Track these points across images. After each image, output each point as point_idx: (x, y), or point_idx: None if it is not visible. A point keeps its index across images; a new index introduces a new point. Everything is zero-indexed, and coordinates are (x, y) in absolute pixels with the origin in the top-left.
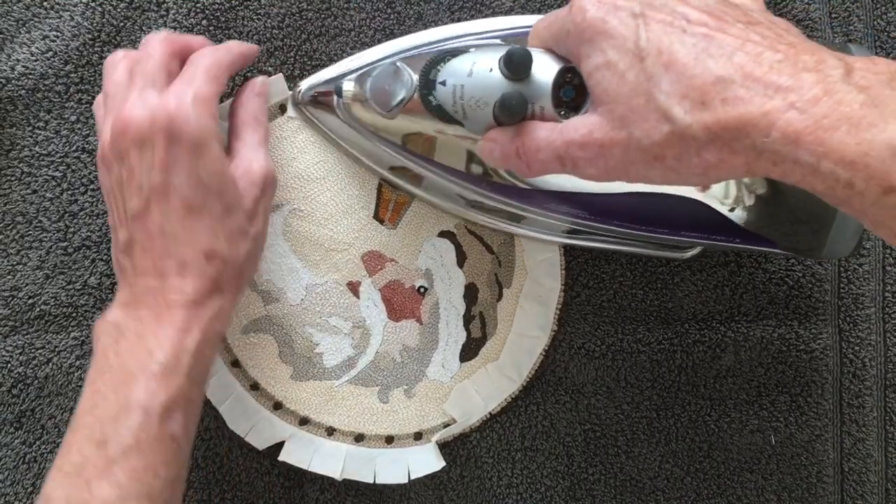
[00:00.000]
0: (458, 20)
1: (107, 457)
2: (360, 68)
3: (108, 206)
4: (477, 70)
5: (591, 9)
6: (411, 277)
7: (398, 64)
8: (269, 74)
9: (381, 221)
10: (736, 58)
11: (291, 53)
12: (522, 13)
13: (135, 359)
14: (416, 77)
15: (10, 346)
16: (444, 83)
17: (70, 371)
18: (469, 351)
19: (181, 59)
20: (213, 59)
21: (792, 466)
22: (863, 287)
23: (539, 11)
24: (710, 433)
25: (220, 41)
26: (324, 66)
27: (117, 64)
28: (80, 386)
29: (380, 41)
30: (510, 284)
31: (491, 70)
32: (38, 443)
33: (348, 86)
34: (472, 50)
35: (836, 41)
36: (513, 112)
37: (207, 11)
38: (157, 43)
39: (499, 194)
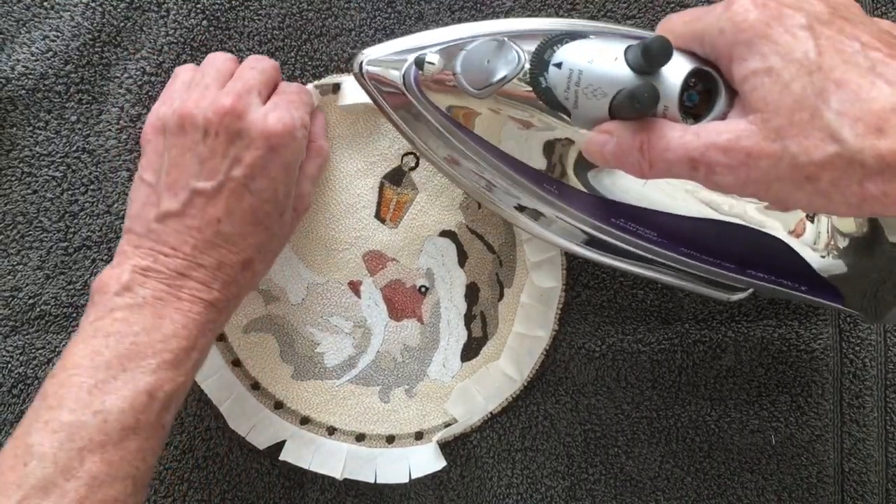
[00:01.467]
0: (459, 20)
1: (103, 430)
2: (441, 44)
3: (151, 163)
4: (599, 57)
5: (755, 10)
6: (412, 277)
7: (505, 39)
8: None
9: (383, 221)
10: None
11: (292, 54)
12: (522, 13)
13: (149, 337)
14: (524, 55)
15: (11, 346)
16: (559, 66)
17: None
18: (470, 350)
19: (273, 88)
20: (308, 96)
21: (792, 466)
22: None
23: (539, 11)
24: (710, 433)
25: (221, 41)
26: (325, 66)
27: (226, 61)
28: None
29: (380, 41)
30: (511, 284)
31: (615, 59)
32: None
33: (433, 58)
34: (592, 36)
35: None
36: (643, 105)
37: (208, 12)
38: (270, 66)
39: (568, 204)
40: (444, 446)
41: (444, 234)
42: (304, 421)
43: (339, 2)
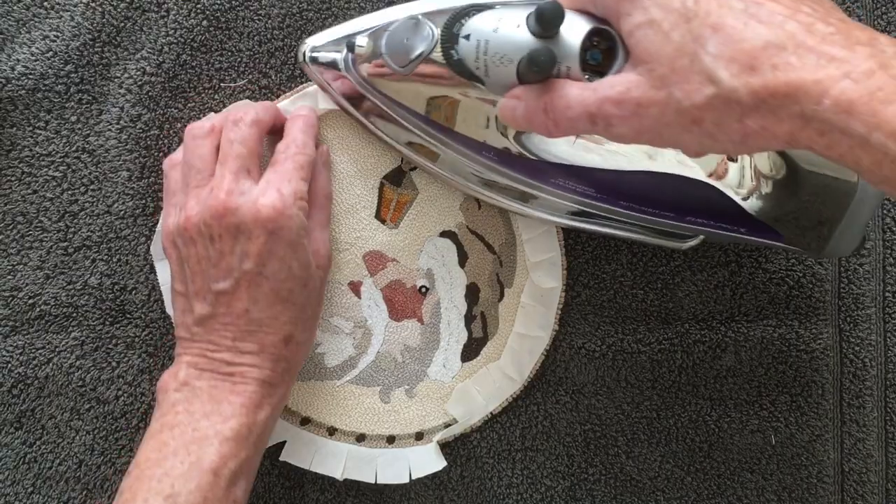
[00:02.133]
0: None
1: None
2: (371, 27)
3: (178, 274)
4: (503, 25)
5: None
6: (413, 277)
7: (419, 17)
8: (270, 77)
9: (383, 221)
10: (787, 26)
11: (292, 54)
12: None
13: (209, 421)
14: (437, 31)
15: (11, 346)
16: (467, 37)
17: (70, 371)
18: (470, 351)
19: (261, 140)
20: (307, 158)
21: (792, 466)
22: (863, 287)
23: None
24: (710, 433)
25: (221, 42)
26: None
27: (204, 137)
28: (81, 386)
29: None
30: (511, 284)
31: (518, 26)
32: (38, 443)
33: (361, 41)
34: (497, 6)
35: None
36: (541, 68)
37: (208, 12)
38: (248, 127)
39: (510, 168)
40: (445, 446)
41: (445, 234)
42: (305, 421)
43: (339, 2)
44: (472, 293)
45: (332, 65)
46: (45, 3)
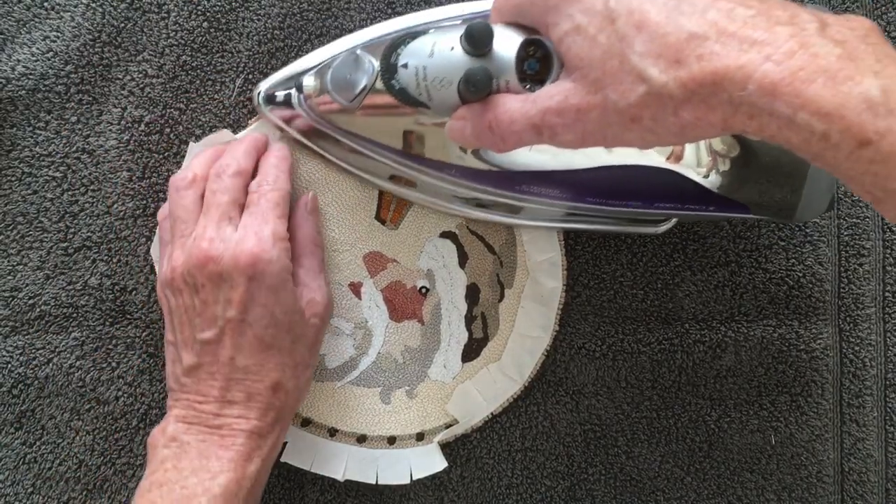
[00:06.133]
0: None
1: None
2: (319, 64)
3: (168, 324)
4: (438, 49)
5: None
6: (413, 278)
7: (357, 52)
8: (268, 75)
9: (383, 222)
10: (709, 14)
11: (293, 54)
12: None
13: (197, 478)
14: (376, 63)
15: (11, 346)
16: (405, 66)
17: (70, 371)
18: (471, 351)
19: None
20: (280, 194)
21: (792, 466)
22: (863, 287)
23: None
24: (710, 433)
25: (222, 43)
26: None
27: (187, 189)
28: (81, 386)
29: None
30: (512, 285)
31: (452, 48)
32: (38, 443)
33: (308, 80)
34: (431, 31)
35: None
36: (478, 87)
37: (209, 14)
38: (230, 178)
39: (471, 181)
40: (444, 447)
41: (445, 234)
42: (305, 423)
43: (339, 2)
44: (472, 294)
45: (287, 104)
46: (46, 4)
